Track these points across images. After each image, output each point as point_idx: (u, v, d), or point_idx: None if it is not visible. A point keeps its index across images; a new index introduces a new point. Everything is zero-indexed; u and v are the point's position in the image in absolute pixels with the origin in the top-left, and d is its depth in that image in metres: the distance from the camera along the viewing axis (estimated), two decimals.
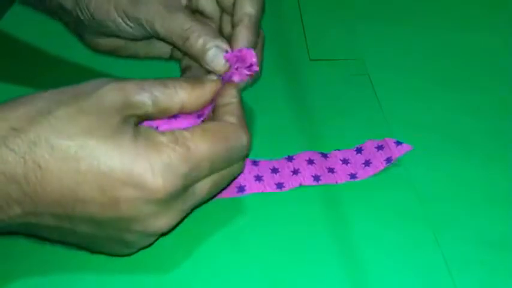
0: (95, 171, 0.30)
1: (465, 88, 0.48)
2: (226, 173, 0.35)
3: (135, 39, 0.42)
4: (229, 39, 0.39)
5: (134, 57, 0.45)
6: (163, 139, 0.32)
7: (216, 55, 0.38)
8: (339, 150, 0.42)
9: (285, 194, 0.40)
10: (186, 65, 0.42)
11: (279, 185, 0.40)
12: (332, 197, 0.40)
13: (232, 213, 0.39)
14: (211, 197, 0.36)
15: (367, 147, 0.42)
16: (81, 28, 0.44)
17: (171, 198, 0.32)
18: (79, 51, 0.46)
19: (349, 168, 0.41)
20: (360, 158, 0.42)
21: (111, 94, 0.32)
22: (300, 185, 0.40)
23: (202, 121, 0.35)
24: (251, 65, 0.37)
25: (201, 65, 0.39)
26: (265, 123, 0.45)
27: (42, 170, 0.30)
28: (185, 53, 0.40)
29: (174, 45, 0.40)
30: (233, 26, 0.40)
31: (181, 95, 0.34)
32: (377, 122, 0.45)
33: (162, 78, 0.34)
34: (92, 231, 0.32)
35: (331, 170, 0.41)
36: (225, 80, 0.37)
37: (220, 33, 0.43)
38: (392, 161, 0.41)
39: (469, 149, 0.43)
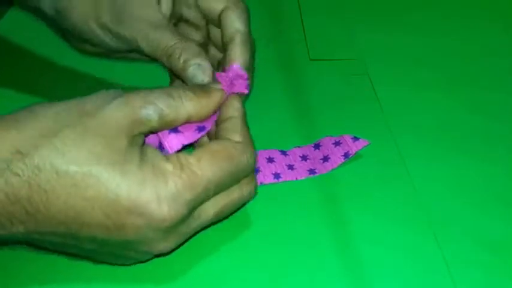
0: (102, 198, 0.30)
1: (465, 88, 0.48)
2: (235, 197, 0.35)
3: (118, 51, 0.42)
4: (220, 50, 0.39)
5: (125, 59, 0.45)
6: (169, 167, 0.31)
7: (195, 73, 0.37)
8: (298, 147, 0.43)
9: (284, 194, 0.40)
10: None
11: None
12: (332, 197, 0.40)
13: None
14: (219, 220, 0.35)
15: (324, 143, 0.43)
16: (66, 35, 0.44)
17: (176, 225, 0.32)
18: (77, 54, 0.46)
19: (308, 164, 0.42)
20: (318, 154, 0.42)
21: (117, 112, 0.31)
22: (261, 183, 0.40)
23: (207, 131, 0.35)
24: (243, 80, 0.38)
25: (183, 81, 0.39)
26: (265, 123, 0.45)
27: (48, 194, 0.30)
28: (169, 68, 0.40)
29: (157, 60, 0.40)
30: (225, 43, 0.40)
31: (188, 106, 0.34)
32: (377, 122, 0.45)
33: (168, 88, 0.34)
34: (95, 248, 0.32)
35: (290, 167, 0.41)
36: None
37: (210, 40, 0.43)
38: (350, 156, 0.42)
39: (469, 149, 0.43)
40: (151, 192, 0.31)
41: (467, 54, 0.52)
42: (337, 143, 0.42)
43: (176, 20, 0.43)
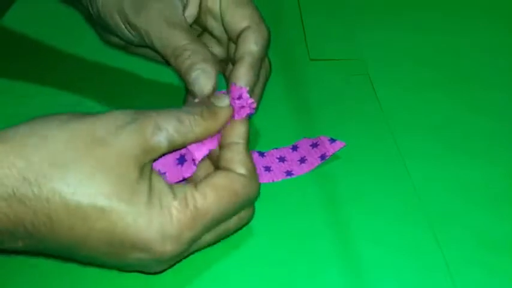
0: (109, 232, 0.30)
1: (465, 88, 0.48)
2: (233, 224, 0.35)
3: (134, 44, 0.42)
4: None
5: (144, 57, 0.45)
6: (175, 204, 0.32)
7: (198, 78, 0.37)
8: (276, 148, 0.43)
9: (283, 194, 0.40)
10: None
11: None
12: (331, 197, 0.40)
13: None
14: (215, 243, 0.36)
15: (302, 145, 0.43)
16: (93, 21, 0.44)
17: (175, 257, 0.33)
18: (83, 47, 0.47)
19: (286, 166, 0.42)
20: (296, 156, 0.42)
21: (130, 142, 0.31)
22: None
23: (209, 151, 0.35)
24: (244, 100, 0.36)
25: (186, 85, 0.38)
26: (265, 123, 0.45)
27: (53, 222, 0.29)
28: (175, 70, 0.39)
29: (165, 60, 0.39)
30: (234, 61, 0.39)
31: (196, 131, 0.33)
32: (377, 122, 0.45)
33: (178, 112, 0.33)
34: (92, 261, 0.33)
35: (267, 169, 0.41)
36: None
37: (229, 58, 0.42)
38: (326, 158, 0.42)
39: (469, 149, 0.43)
40: (156, 230, 0.31)
41: (467, 53, 0.52)
42: (314, 145, 0.42)
43: (201, 30, 0.42)
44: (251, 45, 0.39)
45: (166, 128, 0.32)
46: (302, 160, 0.42)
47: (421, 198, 0.39)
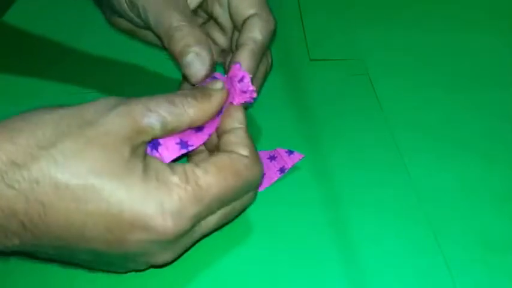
0: (104, 212, 0.29)
1: (465, 88, 0.48)
2: (237, 206, 0.34)
3: (138, 26, 0.40)
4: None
5: (151, 44, 0.43)
6: (174, 178, 0.30)
7: (192, 61, 0.36)
8: None
9: (283, 194, 0.40)
10: None
11: None
12: (332, 197, 0.40)
13: None
14: (220, 227, 0.35)
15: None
16: (99, 1, 0.43)
17: (179, 238, 0.31)
18: (85, 43, 0.47)
19: None
20: None
21: (118, 121, 0.30)
22: None
23: (209, 137, 0.34)
24: (245, 84, 0.36)
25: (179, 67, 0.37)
26: (265, 122, 0.45)
27: (46, 208, 0.28)
28: (168, 52, 0.38)
29: (160, 41, 0.38)
30: (236, 47, 0.38)
31: (190, 113, 0.32)
32: (377, 122, 0.45)
33: (169, 95, 0.33)
34: (92, 259, 0.32)
35: None
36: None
37: (232, 48, 0.41)
38: (286, 171, 0.40)
39: (469, 149, 0.43)
40: (155, 205, 0.29)
41: (467, 53, 0.52)
42: (272, 158, 0.41)
43: (207, 17, 0.41)
44: (255, 33, 0.38)
45: (157, 111, 0.31)
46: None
47: (421, 198, 0.39)
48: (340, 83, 0.49)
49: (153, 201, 0.29)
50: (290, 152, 0.40)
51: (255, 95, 0.36)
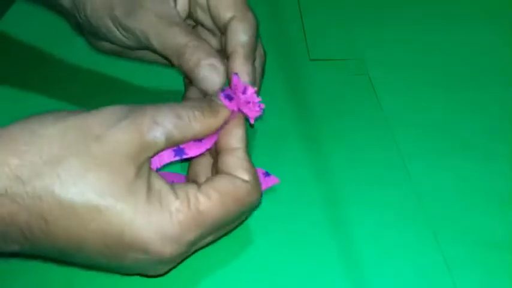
0: (105, 231, 0.29)
1: (465, 88, 0.48)
2: (235, 226, 0.35)
3: (130, 48, 0.41)
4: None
5: (141, 61, 0.44)
6: (176, 204, 0.31)
7: (207, 75, 0.36)
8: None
9: (284, 195, 0.40)
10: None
11: None
12: (332, 197, 0.40)
13: None
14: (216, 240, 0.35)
15: None
16: (82, 30, 0.43)
17: (176, 258, 0.32)
18: (80, 50, 0.46)
19: None
20: None
21: (125, 139, 0.30)
22: None
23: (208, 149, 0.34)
24: (249, 96, 0.35)
25: (192, 83, 0.37)
26: (265, 123, 0.45)
27: (48, 223, 0.29)
28: (179, 69, 0.38)
29: (168, 60, 0.38)
30: (227, 55, 0.38)
31: (195, 127, 0.32)
32: (377, 122, 0.45)
33: (176, 107, 0.32)
34: (91, 265, 0.32)
35: None
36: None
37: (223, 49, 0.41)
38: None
39: (469, 149, 0.43)
40: (155, 230, 0.30)
41: (467, 53, 0.52)
42: None
43: (194, 23, 0.41)
44: (240, 36, 0.38)
45: (163, 124, 0.31)
46: None
47: (421, 198, 0.39)
48: (340, 83, 0.49)
49: (154, 226, 0.30)
50: (267, 174, 0.39)
51: (263, 106, 0.36)
